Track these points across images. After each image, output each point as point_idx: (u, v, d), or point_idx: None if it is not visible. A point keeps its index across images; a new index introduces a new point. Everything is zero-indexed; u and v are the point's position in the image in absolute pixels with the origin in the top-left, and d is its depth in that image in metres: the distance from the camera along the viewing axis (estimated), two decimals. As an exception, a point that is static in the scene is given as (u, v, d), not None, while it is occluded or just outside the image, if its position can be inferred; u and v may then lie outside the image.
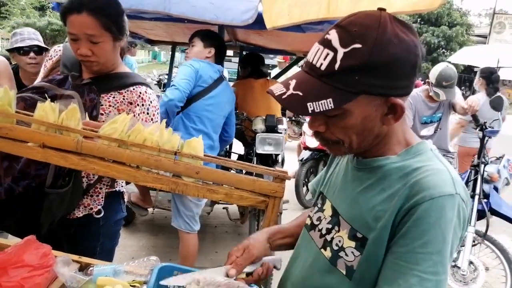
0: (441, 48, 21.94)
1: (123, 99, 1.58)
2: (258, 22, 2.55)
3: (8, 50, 2.84)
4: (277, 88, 0.85)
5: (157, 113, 1.65)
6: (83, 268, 1.28)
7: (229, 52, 6.76)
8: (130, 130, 1.29)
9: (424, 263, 0.77)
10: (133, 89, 1.59)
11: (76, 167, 1.30)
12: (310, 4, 2.12)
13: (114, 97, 1.57)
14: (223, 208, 3.90)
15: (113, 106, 1.57)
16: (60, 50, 1.69)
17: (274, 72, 7.28)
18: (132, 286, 1.23)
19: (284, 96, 0.82)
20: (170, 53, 5.28)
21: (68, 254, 1.29)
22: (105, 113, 1.54)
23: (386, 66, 0.78)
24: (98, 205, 1.64)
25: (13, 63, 2.79)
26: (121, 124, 1.29)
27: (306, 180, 4.78)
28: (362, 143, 0.88)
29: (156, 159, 1.28)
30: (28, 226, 1.49)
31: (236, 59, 5.61)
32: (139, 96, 1.59)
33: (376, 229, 0.84)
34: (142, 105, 1.59)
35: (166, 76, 10.81)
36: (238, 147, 4.39)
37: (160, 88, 10.42)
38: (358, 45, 0.77)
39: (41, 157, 1.28)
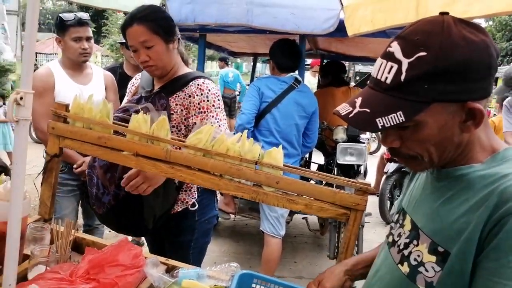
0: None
1: (185, 95, 1.71)
2: (340, 30, 2.53)
3: (119, 43, 3.55)
4: (343, 107, 0.83)
5: (219, 101, 1.73)
6: (170, 270, 1.36)
7: (308, 61, 6.73)
8: (214, 140, 1.34)
9: None
10: (192, 83, 1.71)
11: (165, 174, 1.38)
12: (396, 9, 2.03)
13: (178, 96, 1.71)
14: (303, 218, 3.88)
15: (179, 105, 1.71)
16: (140, 78, 1.92)
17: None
18: (213, 290, 1.28)
19: (351, 115, 0.80)
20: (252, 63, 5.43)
21: (157, 256, 1.38)
22: (175, 112, 1.69)
23: (456, 70, 0.73)
24: (192, 198, 1.82)
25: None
26: (206, 134, 1.34)
27: (391, 194, 4.56)
28: (443, 155, 0.82)
29: (238, 168, 1.31)
30: (137, 225, 1.70)
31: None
32: (197, 87, 1.70)
33: (459, 242, 0.77)
34: (201, 94, 1.69)
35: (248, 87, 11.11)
36: (318, 157, 4.34)
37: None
38: (422, 53, 0.74)
39: (134, 165, 1.39)
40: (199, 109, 1.69)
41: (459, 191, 0.83)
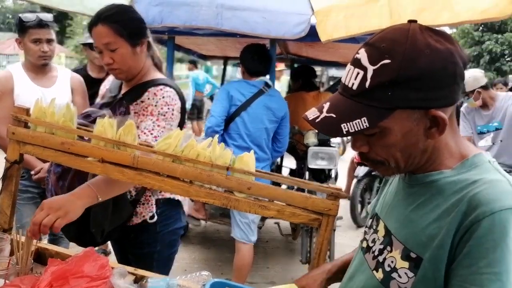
0: (505, 57, 20.65)
1: (142, 102, 1.61)
2: (311, 35, 2.55)
3: (82, 44, 3.39)
4: (311, 112, 0.84)
5: (168, 109, 1.59)
6: (138, 280, 1.31)
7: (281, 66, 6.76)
8: (184, 145, 1.31)
9: (491, 285, 0.70)
10: (150, 89, 1.60)
11: (132, 181, 1.33)
12: (369, 16, 2.05)
13: (137, 104, 1.62)
14: (275, 223, 3.87)
15: (136, 113, 1.61)
16: (111, 80, 1.83)
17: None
18: (184, 300, 1.24)
19: (317, 120, 0.82)
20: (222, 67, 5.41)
21: (125, 266, 1.32)
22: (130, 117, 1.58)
23: (419, 78, 0.74)
24: (149, 212, 1.72)
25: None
26: (175, 140, 1.30)
27: (362, 197, 4.63)
28: (409, 161, 0.83)
29: (209, 174, 1.28)
30: (87, 237, 1.59)
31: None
32: (152, 93, 1.59)
33: (431, 248, 0.78)
34: (153, 99, 1.58)
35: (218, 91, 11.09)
36: (289, 162, 4.35)
37: (212, 101, 10.64)
38: (387, 61, 0.75)
39: (100, 171, 1.33)
40: (143, 109, 1.59)
41: (430, 197, 0.84)
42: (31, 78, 2.30)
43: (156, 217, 1.73)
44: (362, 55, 0.79)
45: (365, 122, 0.76)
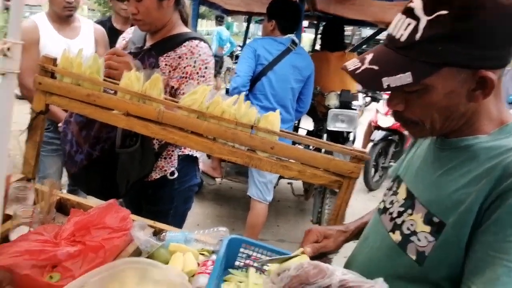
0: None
1: (175, 55, 1.63)
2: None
3: None
4: (352, 63, 0.80)
5: (206, 69, 1.64)
6: (157, 233, 1.34)
7: (305, 23, 6.53)
8: (209, 102, 1.30)
9: None
10: (186, 44, 1.63)
11: (156, 136, 1.33)
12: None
13: (169, 56, 1.63)
14: (288, 183, 3.90)
15: (168, 65, 1.63)
16: (132, 32, 1.82)
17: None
18: (201, 254, 1.27)
19: (357, 71, 0.77)
20: (245, 24, 5.26)
21: (144, 219, 1.35)
22: (163, 73, 1.61)
23: (475, 34, 0.69)
24: (172, 167, 1.74)
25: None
26: (201, 96, 1.29)
27: (376, 162, 4.61)
28: (446, 123, 0.79)
29: (233, 132, 1.27)
30: (109, 189, 1.62)
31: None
32: (189, 49, 1.62)
33: (457, 214, 0.76)
34: (191, 58, 1.61)
35: (239, 48, 10.90)
36: (307, 123, 4.32)
37: (232, 59, 10.50)
38: (443, 11, 0.69)
39: (125, 125, 1.33)
40: (183, 73, 1.61)
41: (462, 162, 0.81)
42: (56, 29, 2.28)
43: (176, 174, 1.75)
44: (417, 4, 0.73)
45: (409, 78, 0.72)
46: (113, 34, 2.57)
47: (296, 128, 4.18)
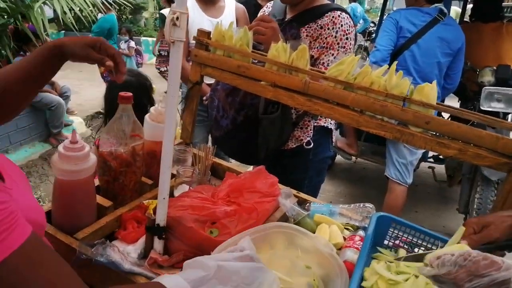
0: None
1: (317, 26, 1.63)
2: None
3: None
4: None
5: (347, 39, 1.62)
6: (301, 203, 1.35)
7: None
8: (357, 72, 1.24)
9: None
10: (327, 14, 1.62)
11: (302, 107, 1.33)
12: None
13: (310, 27, 1.65)
14: (429, 167, 3.61)
15: (309, 36, 1.64)
16: (271, 6, 1.88)
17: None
18: (346, 228, 1.24)
19: None
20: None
21: (289, 188, 1.38)
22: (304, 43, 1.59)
23: None
24: (308, 136, 1.78)
25: None
26: (348, 66, 1.24)
27: None
28: None
29: (382, 104, 1.20)
30: (249, 153, 1.72)
31: None
32: (331, 20, 1.61)
33: None
34: (332, 28, 1.60)
35: (372, 25, 10.37)
36: (451, 102, 3.91)
37: (364, 37, 10.07)
38: None
39: (271, 96, 1.36)
40: (324, 43, 1.61)
41: None
42: (202, 9, 2.44)
43: (312, 144, 1.77)
44: None
45: None
46: (257, 10, 2.66)
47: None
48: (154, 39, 7.79)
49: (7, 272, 0.53)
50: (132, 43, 6.99)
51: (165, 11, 7.12)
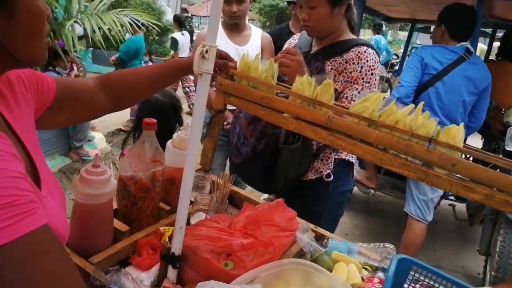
0: None
1: (342, 60, 1.64)
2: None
3: (288, 1, 3.55)
4: None
5: (372, 75, 1.62)
6: (318, 238, 1.33)
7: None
8: (382, 110, 1.23)
9: None
10: (353, 49, 1.63)
11: (324, 141, 1.32)
12: None
13: (335, 61, 1.66)
14: (449, 205, 3.52)
15: (334, 69, 1.65)
16: (298, 38, 1.90)
17: None
18: (364, 268, 1.21)
19: None
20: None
21: (307, 222, 1.35)
22: (328, 77, 1.60)
23: None
24: (328, 169, 1.77)
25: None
26: (373, 103, 1.23)
27: None
28: None
29: (407, 143, 1.18)
30: (268, 182, 1.71)
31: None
32: (357, 54, 1.62)
33: None
34: (358, 63, 1.61)
35: (395, 57, 10.38)
36: (473, 141, 3.83)
37: (386, 68, 10.10)
38: None
39: (294, 128, 1.36)
40: (348, 77, 1.61)
41: None
42: (228, 36, 2.49)
43: (332, 176, 1.74)
44: None
45: None
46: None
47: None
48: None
49: (11, 254, 0.54)
50: (150, 64, 7.22)
51: (176, 35, 7.32)
